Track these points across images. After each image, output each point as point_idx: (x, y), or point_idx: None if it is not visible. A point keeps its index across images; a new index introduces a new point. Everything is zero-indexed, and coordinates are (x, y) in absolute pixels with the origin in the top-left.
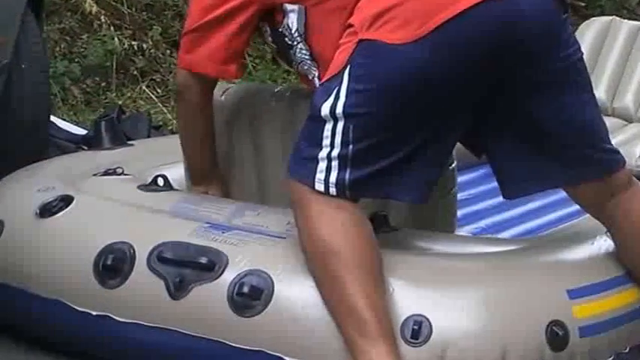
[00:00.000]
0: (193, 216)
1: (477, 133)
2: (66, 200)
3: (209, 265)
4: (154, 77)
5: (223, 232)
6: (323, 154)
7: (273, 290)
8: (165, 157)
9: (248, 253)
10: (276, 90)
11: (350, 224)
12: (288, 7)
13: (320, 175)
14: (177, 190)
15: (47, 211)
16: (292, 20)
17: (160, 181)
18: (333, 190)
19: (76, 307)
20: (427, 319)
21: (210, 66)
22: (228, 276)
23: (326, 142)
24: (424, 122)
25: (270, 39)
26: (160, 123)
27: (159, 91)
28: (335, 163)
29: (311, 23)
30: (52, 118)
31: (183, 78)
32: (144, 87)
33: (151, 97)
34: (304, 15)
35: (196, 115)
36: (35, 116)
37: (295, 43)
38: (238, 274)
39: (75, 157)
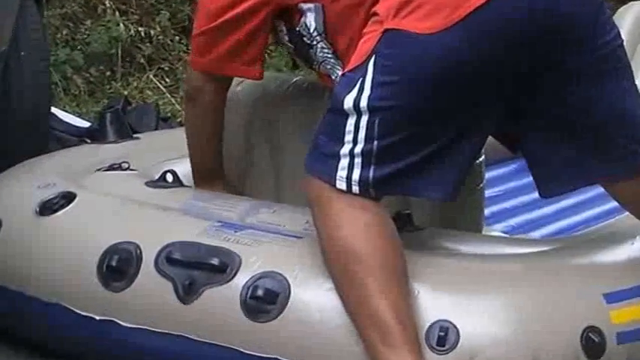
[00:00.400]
0: (204, 214)
1: (510, 126)
2: (67, 197)
3: (221, 266)
4: (161, 66)
5: (236, 232)
6: (345, 150)
7: (289, 294)
8: (174, 151)
9: (263, 254)
10: (294, 80)
11: (373, 224)
12: (304, 6)
13: (342, 173)
14: (186, 186)
15: (47, 208)
16: (310, 19)
17: (169, 177)
18: (355, 189)
19: (78, 311)
20: (454, 325)
21: (232, 67)
22: (242, 278)
23: (348, 137)
24: (454, 116)
25: (286, 38)
26: (169, 114)
27: (167, 80)
28: (358, 160)
29: (331, 21)
30: (53, 110)
31: (197, 79)
32: (151, 76)
33: (159, 87)
34: (322, 13)
35: (208, 116)
36: (35, 108)
37: (315, 42)
38: (252, 277)
39: (77, 151)
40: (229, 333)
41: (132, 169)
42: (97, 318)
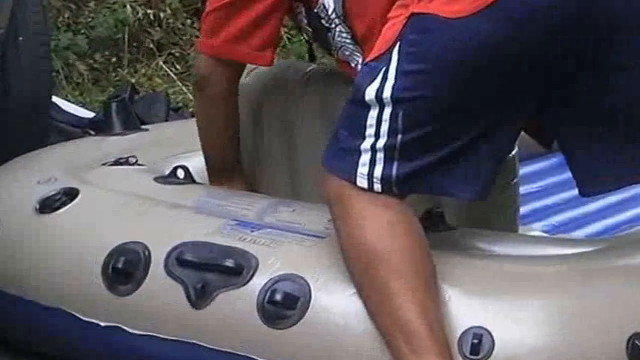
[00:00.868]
0: (218, 212)
1: (545, 119)
2: (70, 194)
3: (236, 268)
4: (172, 51)
5: (253, 231)
6: (366, 144)
7: (310, 298)
8: (186, 145)
9: (281, 255)
10: (310, 69)
11: (397, 222)
12: None
13: (362, 169)
14: (199, 183)
15: (48, 206)
16: (329, 0)
17: (180, 173)
18: (377, 186)
19: (81, 316)
20: (488, 332)
21: (242, 51)
22: (259, 281)
23: (370, 130)
24: (485, 107)
25: (304, 21)
26: (180, 104)
27: (178, 67)
28: (380, 156)
29: (350, 3)
30: (54, 99)
31: (206, 65)
32: (160, 62)
33: (169, 75)
34: None
35: (220, 106)
36: (35, 97)
37: (333, 25)
38: (270, 279)
39: (81, 143)
40: (245, 340)
41: (140, 164)
42: (102, 324)
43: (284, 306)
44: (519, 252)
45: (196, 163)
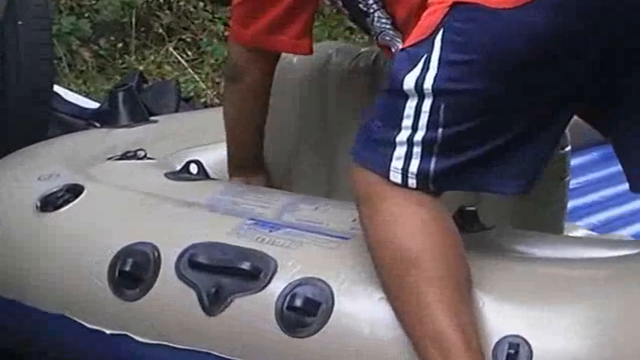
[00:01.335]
0: (234, 210)
1: (596, 110)
2: (73, 190)
3: (253, 271)
4: (183, 37)
5: (271, 231)
6: (402, 137)
7: (332, 304)
8: (199, 137)
9: (302, 257)
10: (359, 52)
11: (432, 223)
12: None
13: (397, 163)
14: (213, 178)
15: (50, 204)
16: None
17: (193, 168)
18: (412, 182)
19: (86, 324)
20: (526, 341)
21: (281, 40)
22: (277, 286)
23: (407, 122)
24: (533, 101)
25: (340, 4)
26: (191, 94)
27: (189, 53)
28: (417, 150)
29: None
30: (56, 88)
31: (241, 56)
32: (170, 49)
33: (180, 62)
34: None
35: (251, 99)
36: (35, 86)
37: (372, 10)
38: (289, 284)
39: (84, 136)
40: (262, 349)
41: (149, 158)
42: (108, 332)
43: (304, 312)
44: (560, 254)
45: (210, 158)
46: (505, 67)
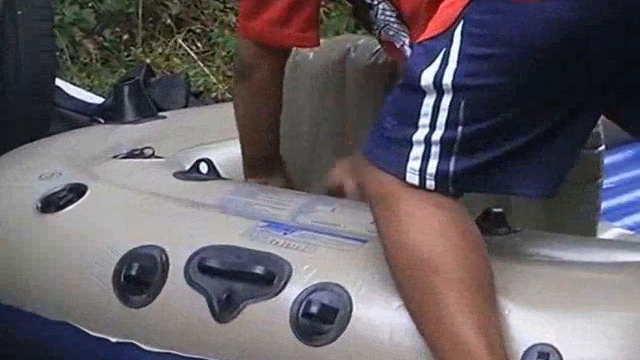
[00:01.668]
0: (247, 212)
1: (623, 108)
2: (76, 190)
3: (266, 276)
4: (192, 27)
5: (286, 233)
6: (419, 136)
7: (350, 310)
8: (210, 134)
9: (318, 261)
10: (378, 48)
11: (452, 226)
12: None
13: (413, 164)
14: (224, 178)
15: (52, 204)
16: None
17: (203, 167)
18: (430, 183)
19: (89, 331)
20: (556, 350)
21: (286, 34)
22: (292, 291)
23: (424, 120)
24: (559, 99)
25: None
26: (201, 88)
27: (199, 45)
28: (436, 149)
29: None
30: (58, 82)
31: (249, 51)
32: (179, 40)
33: (189, 54)
34: None
35: (262, 98)
36: (36, 80)
37: (376, 2)
38: (305, 289)
39: (88, 133)
40: (276, 359)
41: (156, 157)
42: (113, 340)
43: (321, 319)
44: (591, 258)
45: (221, 156)
46: (528, 62)
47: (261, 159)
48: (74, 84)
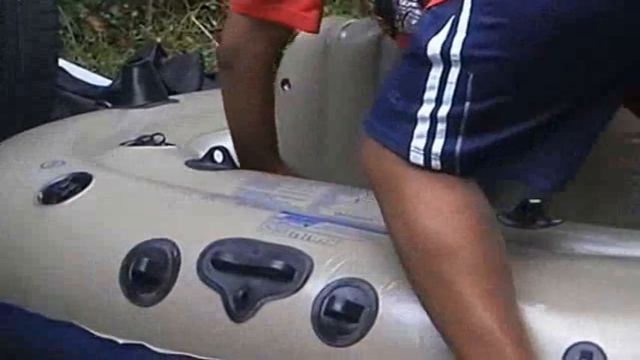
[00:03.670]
0: (264, 203)
1: None
2: (81, 180)
3: (286, 271)
4: (206, 4)
5: (307, 225)
6: (424, 111)
7: (377, 308)
8: (224, 120)
9: (342, 255)
10: None
11: (464, 208)
12: None
13: (418, 142)
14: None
15: (54, 195)
16: None
17: (218, 155)
18: (436, 163)
19: (95, 332)
20: (600, 350)
21: (289, 12)
22: (314, 287)
23: (430, 94)
24: (575, 76)
25: None
26: (216, 69)
27: (214, 23)
28: (442, 127)
29: None
30: (62, 63)
31: (239, 30)
32: (192, 17)
33: (203, 32)
34: None
35: (245, 89)
36: (37, 60)
37: None
38: (328, 285)
39: (94, 118)
40: (297, 359)
41: (167, 144)
42: (121, 341)
43: (345, 318)
44: (637, 252)
45: None
46: (541, 35)
47: (256, 152)
48: (79, 65)
